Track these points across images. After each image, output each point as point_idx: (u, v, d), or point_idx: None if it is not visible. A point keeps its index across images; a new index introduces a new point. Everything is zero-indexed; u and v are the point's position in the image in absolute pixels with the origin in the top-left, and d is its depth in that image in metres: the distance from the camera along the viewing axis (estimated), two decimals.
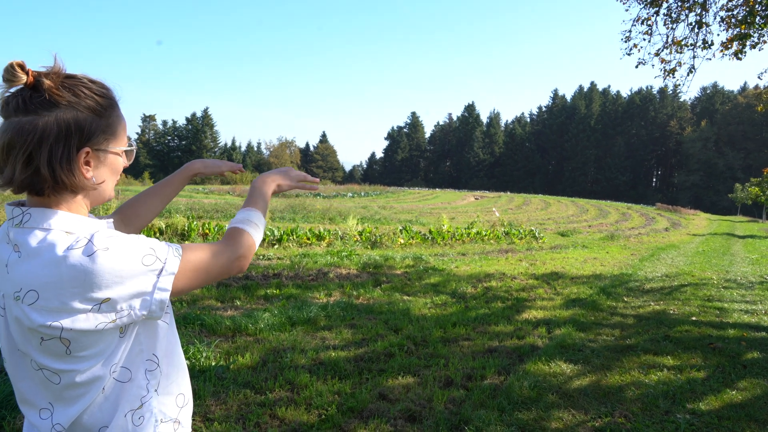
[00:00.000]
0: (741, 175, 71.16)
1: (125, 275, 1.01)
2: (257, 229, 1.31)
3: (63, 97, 1.03)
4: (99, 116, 1.08)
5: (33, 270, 0.99)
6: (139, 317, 1.06)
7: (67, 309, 0.99)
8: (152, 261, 1.06)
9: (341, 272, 9.05)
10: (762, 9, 8.75)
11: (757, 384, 4.58)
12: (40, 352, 1.03)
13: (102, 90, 1.10)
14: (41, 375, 1.06)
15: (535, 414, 3.78)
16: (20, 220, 1.05)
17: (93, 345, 1.04)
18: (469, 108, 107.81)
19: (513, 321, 6.38)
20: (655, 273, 11.31)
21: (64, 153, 1.03)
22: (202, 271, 1.15)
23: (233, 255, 1.21)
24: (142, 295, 1.04)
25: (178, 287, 1.11)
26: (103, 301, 1.00)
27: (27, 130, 1.01)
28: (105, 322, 1.02)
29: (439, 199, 46.66)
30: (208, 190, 44.93)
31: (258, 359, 4.57)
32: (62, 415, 1.08)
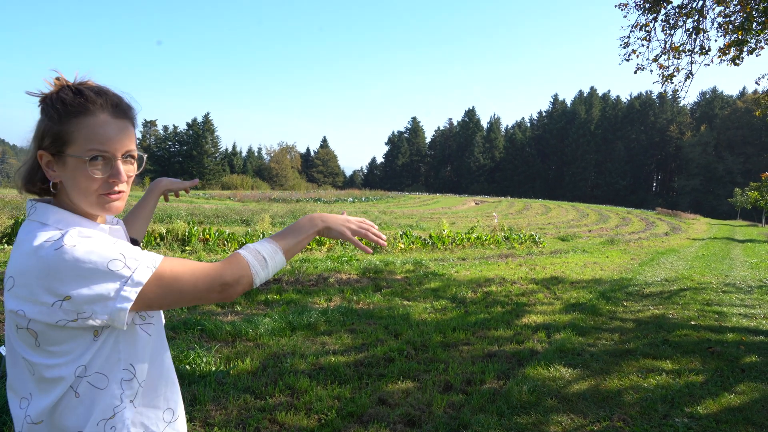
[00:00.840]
0: (741, 180, 71.15)
1: (87, 275, 1.02)
2: (262, 263, 1.22)
3: (42, 101, 1.15)
4: (54, 122, 1.12)
5: (15, 258, 1.07)
6: (98, 323, 1.06)
7: (32, 299, 1.03)
8: (119, 267, 1.06)
9: (341, 277, 9.07)
10: (759, 15, 8.80)
11: (755, 388, 4.60)
12: (16, 340, 1.09)
13: (73, 98, 1.12)
14: (21, 363, 1.11)
15: (534, 418, 3.80)
16: (28, 213, 1.15)
17: (61, 342, 1.06)
18: (469, 113, 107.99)
19: (513, 325, 6.39)
20: (655, 277, 11.32)
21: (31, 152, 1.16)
22: (175, 291, 1.11)
23: (217, 280, 1.15)
24: (103, 300, 1.04)
25: (146, 302, 1.09)
26: (65, 298, 1.02)
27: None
28: (66, 320, 1.03)
29: (440, 204, 46.67)
30: (209, 195, 44.97)
31: (258, 364, 4.59)
32: (34, 407, 1.10)
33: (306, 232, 1.32)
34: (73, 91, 1.12)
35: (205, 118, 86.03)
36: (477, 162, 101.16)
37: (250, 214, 21.65)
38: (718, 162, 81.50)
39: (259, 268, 1.21)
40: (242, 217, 20.78)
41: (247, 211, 24.38)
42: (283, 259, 1.26)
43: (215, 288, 1.14)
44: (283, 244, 1.27)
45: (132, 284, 1.06)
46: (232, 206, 29.42)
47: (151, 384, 1.20)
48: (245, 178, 74.75)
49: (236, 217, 20.82)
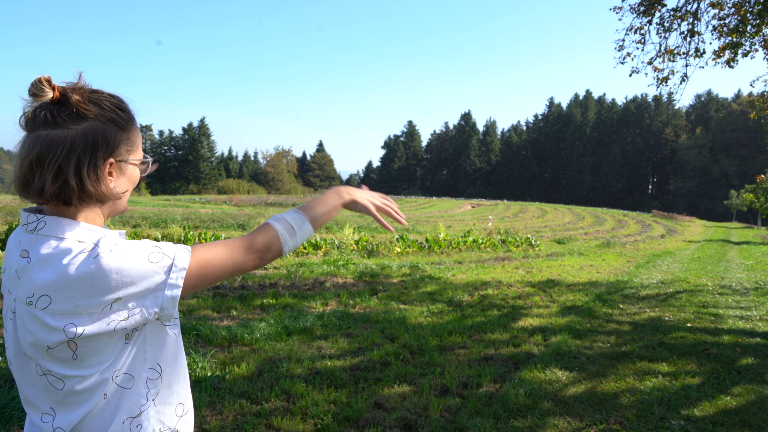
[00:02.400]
0: (736, 182, 71.45)
1: (133, 274, 1.03)
2: (290, 232, 1.26)
3: (90, 110, 1.08)
4: (121, 129, 1.12)
5: (45, 275, 1.02)
6: (151, 315, 1.07)
7: (79, 311, 1.01)
8: (159, 258, 1.07)
9: (338, 281, 9.06)
10: (753, 18, 8.84)
11: (751, 389, 4.60)
12: (47, 358, 1.05)
13: (122, 104, 1.15)
14: (45, 380, 1.07)
15: (530, 421, 3.79)
16: (35, 227, 1.08)
17: (99, 351, 1.05)
18: (465, 116, 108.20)
19: (509, 329, 6.39)
20: (651, 280, 11.34)
21: (91, 164, 1.08)
22: (216, 267, 1.15)
23: (250, 248, 1.20)
24: (152, 293, 1.06)
25: (191, 284, 1.12)
26: (115, 300, 1.02)
27: (56, 143, 1.05)
28: (117, 320, 1.03)
29: (436, 208, 46.72)
30: (204, 199, 44.92)
31: (254, 369, 4.57)
32: (64, 419, 1.09)
33: (333, 203, 1.35)
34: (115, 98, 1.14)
35: (200, 122, 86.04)
36: (473, 165, 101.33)
37: (246, 219, 21.63)
38: (714, 164, 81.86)
39: (288, 236, 1.25)
40: (238, 221, 20.76)
41: (243, 215, 24.36)
42: (310, 228, 1.30)
43: (250, 256, 1.19)
44: (310, 215, 1.31)
45: (177, 270, 1.08)
46: (228, 211, 29.40)
47: (169, 381, 1.21)
48: (241, 182, 74.74)
49: (232, 221, 20.80)
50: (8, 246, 1.17)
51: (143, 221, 18.79)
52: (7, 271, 1.12)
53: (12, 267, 1.09)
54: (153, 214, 22.03)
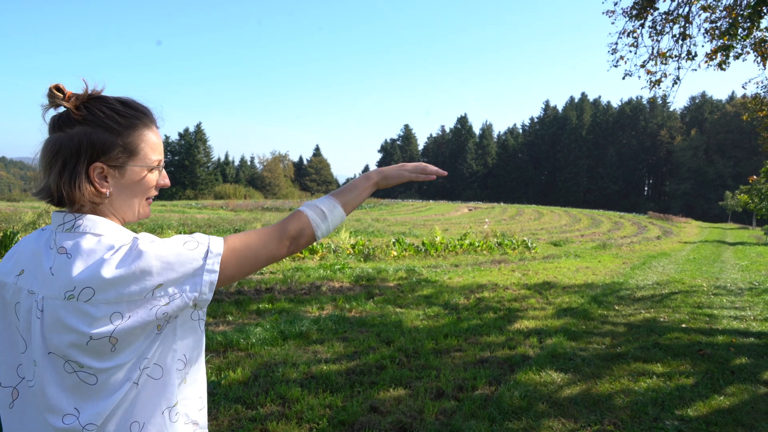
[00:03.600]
0: (731, 183, 71.66)
1: (172, 261, 1.08)
2: (321, 216, 1.30)
3: (79, 114, 1.12)
4: (115, 134, 1.14)
5: (88, 269, 1.05)
6: (189, 300, 1.10)
7: (123, 300, 1.04)
8: (195, 246, 1.12)
9: (334, 285, 9.07)
10: (744, 20, 8.91)
11: (744, 389, 4.63)
12: (84, 351, 1.05)
13: (126, 111, 1.16)
14: (75, 378, 1.07)
15: (525, 423, 3.81)
16: (72, 225, 1.12)
17: (135, 340, 1.07)
18: (461, 120, 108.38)
19: (505, 331, 6.41)
20: (646, 281, 11.38)
21: (70, 166, 1.11)
22: (250, 255, 1.18)
23: (283, 235, 1.23)
24: (191, 278, 1.10)
25: (227, 272, 1.15)
26: (156, 286, 1.06)
27: (49, 145, 1.13)
28: (158, 305, 1.06)
29: (433, 211, 46.74)
30: (201, 205, 44.87)
31: (249, 374, 4.58)
32: (90, 413, 1.08)
33: (363, 186, 1.39)
34: (122, 104, 1.17)
35: (197, 127, 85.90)
36: (470, 168, 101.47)
37: (243, 224, 21.63)
38: (709, 166, 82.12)
39: (319, 221, 1.28)
40: (234, 226, 20.76)
41: (240, 220, 24.35)
42: (342, 212, 1.33)
43: (283, 243, 1.23)
44: (341, 199, 1.35)
45: (213, 255, 1.12)
46: (224, 216, 29.39)
47: (194, 374, 1.23)
48: (238, 187, 74.63)
49: (228, 226, 20.79)
50: (22, 249, 1.19)
51: (139, 227, 18.77)
52: (28, 272, 1.13)
53: (41, 266, 1.10)
54: (149, 220, 21.99)
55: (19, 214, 15.38)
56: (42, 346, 1.08)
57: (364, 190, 1.39)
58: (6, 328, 1.17)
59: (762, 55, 9.31)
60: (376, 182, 1.41)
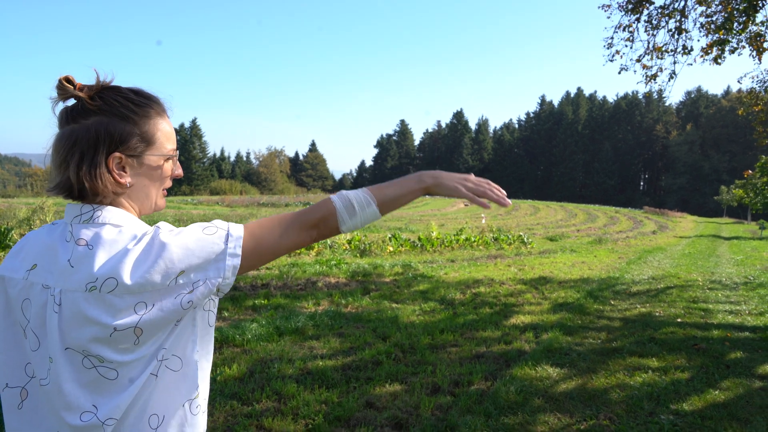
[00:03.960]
0: (726, 178, 71.88)
1: (193, 246, 1.06)
2: (350, 210, 1.20)
3: (94, 105, 1.10)
4: (132, 123, 1.12)
5: (111, 259, 1.03)
6: (214, 287, 1.07)
7: (146, 289, 1.02)
8: (214, 231, 1.10)
9: (330, 281, 9.06)
10: (739, 15, 8.91)
11: (739, 383, 4.64)
12: (106, 344, 1.03)
13: (140, 99, 1.14)
14: (95, 373, 1.05)
15: (521, 418, 3.81)
16: (90, 216, 1.09)
17: (159, 331, 1.06)
18: (457, 115, 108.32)
19: (501, 326, 6.41)
20: (642, 276, 11.41)
21: (89, 158, 1.09)
22: (272, 240, 1.14)
23: (305, 222, 1.18)
24: (214, 263, 1.07)
25: (248, 259, 1.11)
26: (179, 273, 1.04)
27: (64, 137, 1.10)
28: (183, 293, 1.04)
29: (429, 206, 46.73)
30: (197, 200, 44.77)
31: (245, 370, 4.57)
32: (110, 408, 1.06)
33: (409, 187, 1.25)
34: (135, 93, 1.15)
35: (192, 123, 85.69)
36: (466, 164, 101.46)
37: (238, 219, 21.60)
38: (704, 160, 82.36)
39: (346, 215, 1.19)
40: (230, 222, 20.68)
41: (235, 216, 24.33)
42: (375, 211, 1.22)
43: (305, 232, 1.17)
44: (379, 197, 1.22)
45: (233, 239, 1.09)
46: (220, 211, 29.34)
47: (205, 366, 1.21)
48: (234, 183, 74.55)
49: None
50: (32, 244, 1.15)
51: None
52: (41, 266, 1.10)
53: (57, 260, 1.07)
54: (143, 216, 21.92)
55: (13, 210, 15.29)
56: (59, 342, 1.05)
57: (411, 192, 1.25)
58: (9, 327, 1.14)
59: (757, 49, 9.32)
60: (427, 187, 1.26)
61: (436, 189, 1.26)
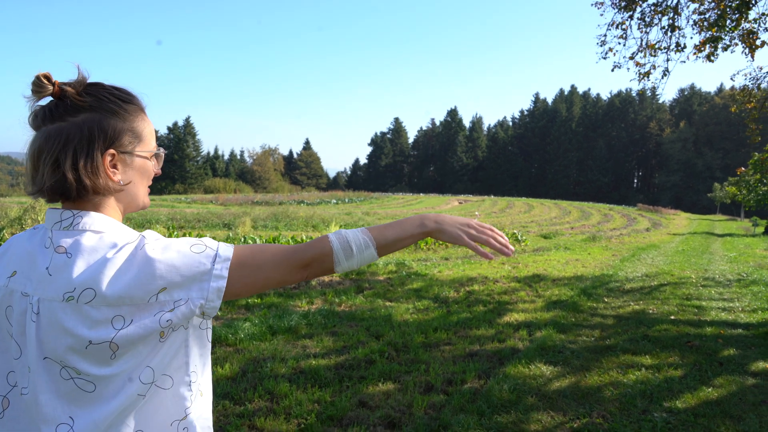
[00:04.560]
0: (720, 175, 72.23)
1: (178, 263, 1.01)
2: (348, 253, 1.16)
3: (85, 101, 1.06)
4: (123, 119, 1.09)
5: (89, 268, 0.99)
6: (196, 308, 1.03)
7: (125, 303, 0.98)
8: (202, 249, 1.05)
9: (324, 279, 9.03)
10: (732, 12, 8.92)
11: (732, 381, 4.65)
12: (82, 357, 1.00)
13: (126, 95, 1.12)
14: (72, 385, 1.02)
15: (514, 417, 3.80)
16: (70, 223, 1.05)
17: (135, 350, 1.02)
18: (451, 113, 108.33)
19: (494, 324, 6.41)
20: (636, 273, 11.43)
21: (88, 156, 1.05)
22: (260, 271, 1.09)
23: (298, 260, 1.12)
24: (198, 283, 1.02)
25: (235, 285, 1.06)
26: (160, 290, 0.99)
27: (53, 136, 1.05)
28: (163, 311, 1.00)
29: (423, 204, 46.75)
30: (190, 199, 44.62)
31: (237, 369, 4.55)
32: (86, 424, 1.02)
33: (410, 232, 1.23)
34: (118, 90, 1.12)
35: (186, 121, 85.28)
36: (460, 161, 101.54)
37: (232, 218, 21.52)
38: (698, 158, 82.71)
39: (343, 257, 1.15)
40: (224, 221, 20.65)
41: (229, 214, 24.23)
42: (373, 254, 1.18)
43: (297, 271, 1.12)
44: (379, 239, 1.19)
45: (221, 260, 1.05)
46: (214, 210, 29.23)
47: (206, 384, 1.19)
48: (228, 181, 74.30)
49: (218, 221, 20.69)
50: (14, 249, 1.12)
51: (126, 222, 18.63)
52: (21, 273, 1.06)
53: (35, 267, 1.04)
54: (137, 215, 21.80)
55: (4, 210, 15.18)
56: (37, 351, 1.02)
57: (411, 236, 1.22)
58: None
59: (750, 46, 9.33)
60: (430, 231, 1.24)
61: (438, 235, 1.25)
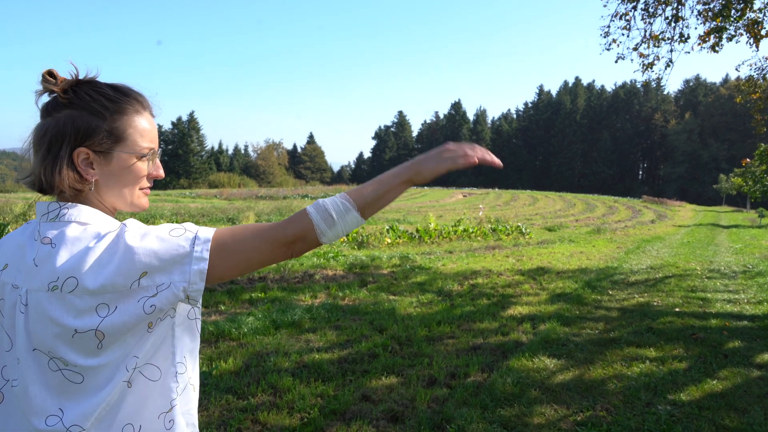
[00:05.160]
0: (725, 166, 71.87)
1: (157, 248, 1.01)
2: (329, 221, 1.11)
3: (65, 99, 1.08)
4: (101, 118, 1.08)
5: (72, 258, 1.00)
6: (179, 291, 1.02)
7: (107, 290, 0.99)
8: (181, 232, 1.05)
9: (327, 273, 9.03)
10: (737, 2, 8.84)
11: (737, 373, 4.63)
12: (69, 347, 1.01)
13: (115, 95, 1.11)
14: (60, 376, 1.03)
15: (517, 410, 3.79)
16: (57, 214, 1.07)
17: (123, 337, 1.02)
18: (455, 106, 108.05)
19: (498, 317, 6.40)
20: (640, 265, 11.39)
21: (54, 152, 1.07)
22: (241, 251, 1.07)
23: (280, 238, 1.09)
24: (179, 266, 1.01)
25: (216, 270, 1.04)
26: (141, 275, 0.99)
27: (38, 132, 1.09)
28: (146, 296, 1.00)
29: (428, 198, 46.69)
30: (195, 194, 44.70)
31: (241, 364, 4.55)
32: (76, 415, 1.03)
33: (390, 183, 1.17)
34: (112, 88, 1.12)
35: (190, 116, 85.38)
36: None
37: (236, 212, 21.56)
38: (703, 149, 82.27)
39: (325, 226, 1.11)
40: (228, 215, 20.69)
41: (233, 209, 24.27)
42: (357, 216, 1.13)
43: (279, 249, 1.09)
44: (358, 200, 1.14)
45: (200, 242, 1.04)
46: (218, 205, 29.28)
47: (194, 376, 1.19)
48: (232, 176, 74.40)
49: (222, 215, 20.73)
50: (7, 244, 1.14)
51: (130, 217, 18.69)
52: (12, 266, 1.08)
53: (24, 259, 1.06)
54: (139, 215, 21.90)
55: (10, 206, 15.25)
56: (26, 343, 1.03)
57: (392, 189, 1.16)
58: None
59: (755, 36, 9.24)
60: (409, 179, 1.17)
61: (419, 177, 1.18)
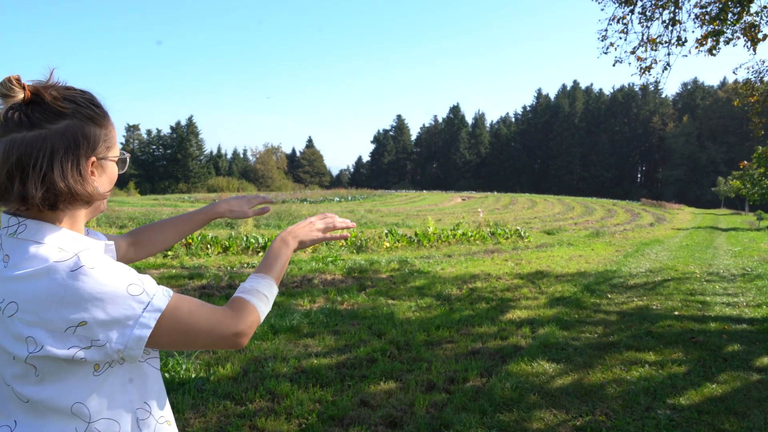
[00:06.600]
0: (724, 169, 71.97)
1: (106, 299, 0.96)
2: (265, 302, 1.23)
3: (67, 108, 1.02)
4: (99, 125, 1.07)
5: (15, 282, 0.96)
6: (113, 352, 0.98)
7: (42, 324, 0.94)
8: (139, 291, 1.00)
9: (326, 278, 9.02)
10: (734, 5, 8.86)
11: (737, 377, 4.62)
12: (9, 370, 0.99)
13: (95, 100, 1.09)
14: (9, 391, 1.02)
15: (516, 415, 3.78)
16: (15, 230, 1.02)
17: (63, 377, 0.98)
18: (454, 109, 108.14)
19: (497, 322, 6.38)
20: (639, 269, 11.39)
21: (75, 164, 1.02)
22: (190, 329, 1.06)
23: (231, 329, 1.11)
24: (121, 326, 0.97)
25: (160, 336, 1.02)
26: (80, 323, 0.94)
27: (36, 146, 0.98)
28: (78, 347, 0.96)
29: (426, 201, 46.69)
30: (194, 198, 44.66)
31: (239, 369, 4.53)
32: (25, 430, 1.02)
33: (286, 254, 1.35)
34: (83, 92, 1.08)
35: (188, 120, 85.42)
36: (463, 158, 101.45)
37: None
38: (701, 152, 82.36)
39: (264, 306, 1.22)
40: (226, 220, 20.63)
41: None
42: (276, 288, 1.29)
43: (229, 337, 1.12)
44: (274, 275, 1.29)
45: (151, 310, 1.00)
46: None
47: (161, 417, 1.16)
48: (231, 180, 74.36)
49: (220, 220, 20.67)
50: None
51: (130, 222, 18.65)
52: None
53: None
54: (140, 215, 21.87)
55: None
56: None
57: (287, 259, 1.36)
58: None
59: (752, 39, 9.26)
60: (296, 248, 1.39)
61: (301, 246, 1.40)
